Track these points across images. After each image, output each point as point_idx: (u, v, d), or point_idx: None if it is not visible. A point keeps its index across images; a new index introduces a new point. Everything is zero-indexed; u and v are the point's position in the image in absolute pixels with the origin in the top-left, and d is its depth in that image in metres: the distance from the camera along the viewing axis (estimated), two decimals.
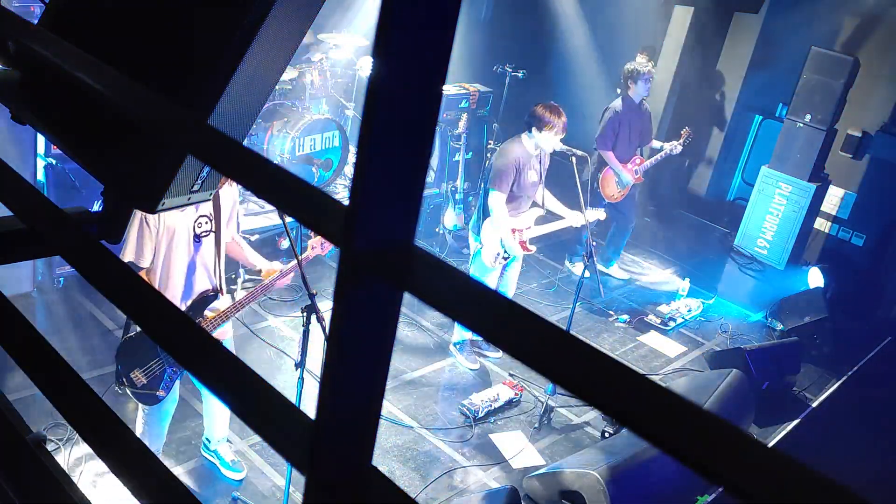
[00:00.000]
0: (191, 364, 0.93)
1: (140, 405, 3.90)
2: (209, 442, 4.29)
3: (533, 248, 5.45)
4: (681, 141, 7.03)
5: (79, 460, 4.06)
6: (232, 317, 3.86)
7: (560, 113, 5.05)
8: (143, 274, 3.67)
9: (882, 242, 7.57)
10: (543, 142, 5.11)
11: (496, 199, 5.18)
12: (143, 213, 3.44)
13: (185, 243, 3.68)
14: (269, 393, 0.86)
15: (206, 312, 3.79)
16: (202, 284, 3.79)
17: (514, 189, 5.22)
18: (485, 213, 5.34)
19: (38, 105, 1.56)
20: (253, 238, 5.84)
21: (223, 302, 3.88)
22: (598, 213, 5.69)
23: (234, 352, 4.11)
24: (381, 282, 0.72)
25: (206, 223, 3.74)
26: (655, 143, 7.17)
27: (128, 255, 3.62)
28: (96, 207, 2.29)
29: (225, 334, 4.00)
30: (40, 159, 5.20)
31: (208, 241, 3.77)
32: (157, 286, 3.70)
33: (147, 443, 4.03)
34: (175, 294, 3.73)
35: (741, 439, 0.52)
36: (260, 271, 3.96)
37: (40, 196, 1.30)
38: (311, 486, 0.77)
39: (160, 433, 4.06)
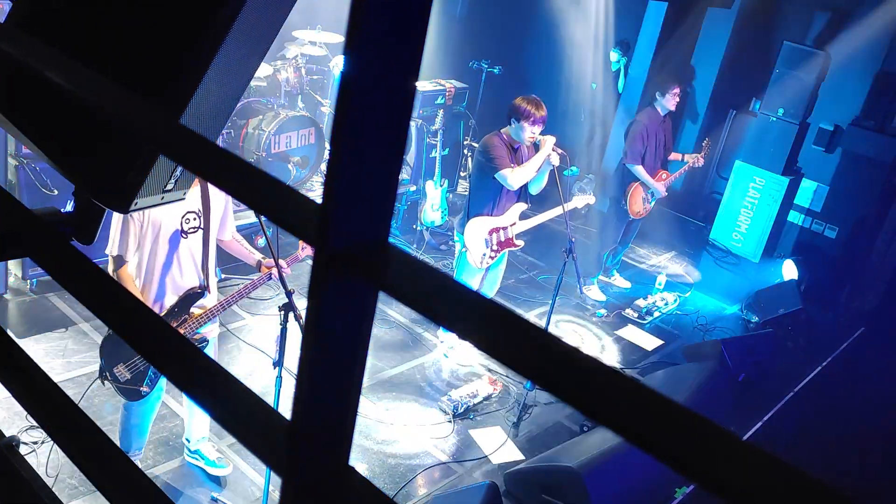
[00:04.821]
0: (164, 366, 0.92)
1: (123, 401, 3.86)
2: (189, 442, 4.24)
3: (521, 242, 5.38)
4: (703, 154, 6.89)
5: (54, 463, 4.00)
6: (219, 314, 3.82)
7: (540, 106, 4.96)
8: (128, 268, 3.64)
9: (854, 234, 7.68)
10: (522, 134, 5.02)
11: (507, 177, 5.04)
12: None
13: (171, 239, 3.64)
14: (244, 395, 0.85)
15: (193, 309, 3.75)
16: (190, 281, 3.75)
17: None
18: (468, 213, 5.26)
19: (6, 104, 1.53)
20: None
21: (210, 299, 3.85)
22: (588, 198, 5.64)
23: (216, 350, 4.10)
24: (356, 280, 0.71)
25: (195, 219, 3.69)
26: (676, 156, 6.93)
27: (112, 249, 3.59)
28: (69, 208, 2.26)
29: (211, 332, 3.96)
30: (11, 159, 5.12)
31: (196, 238, 3.72)
32: (142, 281, 3.67)
33: (129, 439, 3.99)
34: (161, 290, 3.69)
35: (715, 434, 0.52)
36: (259, 266, 3.92)
37: (7, 196, 1.28)
38: (288, 489, 0.76)
39: (143, 430, 4.01)
